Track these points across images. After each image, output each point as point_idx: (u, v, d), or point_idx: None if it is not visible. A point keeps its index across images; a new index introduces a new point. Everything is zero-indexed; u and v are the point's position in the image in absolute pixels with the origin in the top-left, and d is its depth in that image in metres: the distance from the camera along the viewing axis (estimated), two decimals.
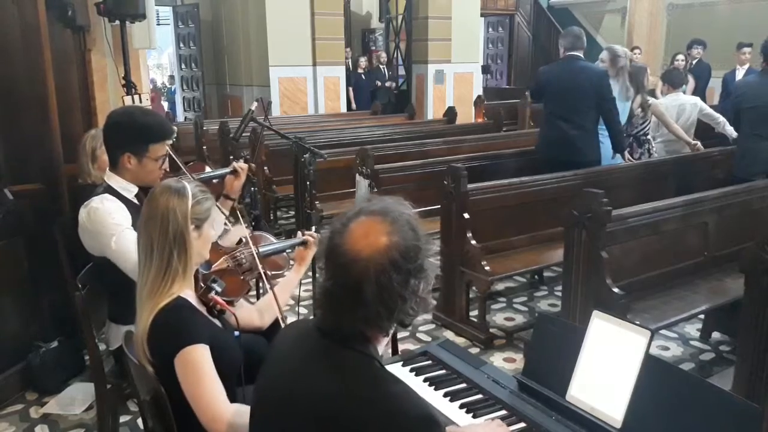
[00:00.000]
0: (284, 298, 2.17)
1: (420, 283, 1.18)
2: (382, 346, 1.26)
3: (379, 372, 1.18)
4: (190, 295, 1.68)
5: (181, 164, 2.51)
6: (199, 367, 1.55)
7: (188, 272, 1.68)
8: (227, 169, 2.58)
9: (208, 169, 2.76)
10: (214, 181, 2.60)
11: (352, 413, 1.11)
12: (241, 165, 2.55)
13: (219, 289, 1.75)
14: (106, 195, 2.21)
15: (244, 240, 2.25)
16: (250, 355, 1.78)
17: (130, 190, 2.28)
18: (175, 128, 3.90)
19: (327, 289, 1.17)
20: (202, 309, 1.72)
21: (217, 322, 1.76)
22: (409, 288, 1.15)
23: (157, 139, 2.26)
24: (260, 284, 2.83)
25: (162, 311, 1.58)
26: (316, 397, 1.15)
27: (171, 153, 2.37)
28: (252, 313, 2.04)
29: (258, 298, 2.68)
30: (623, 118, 4.45)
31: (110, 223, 2.14)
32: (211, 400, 1.53)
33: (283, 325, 2.07)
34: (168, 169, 2.38)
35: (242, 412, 1.54)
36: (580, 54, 4.26)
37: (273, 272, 2.25)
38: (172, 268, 1.62)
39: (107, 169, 2.33)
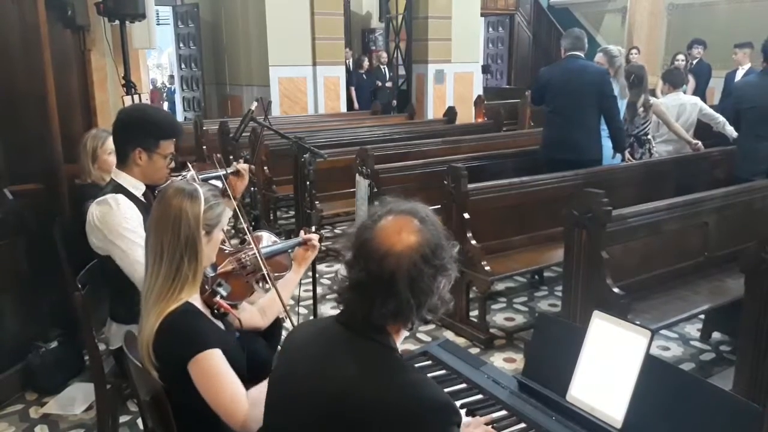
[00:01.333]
0: (284, 298, 2.17)
1: (444, 281, 1.25)
2: (400, 341, 1.30)
3: (401, 362, 1.25)
4: (196, 298, 1.67)
5: (189, 165, 2.51)
6: (218, 371, 1.55)
7: (198, 278, 1.66)
8: (229, 169, 2.57)
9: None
10: (218, 182, 2.59)
11: (375, 398, 1.15)
12: (243, 166, 2.54)
13: (225, 293, 1.74)
14: (119, 195, 2.20)
15: (247, 240, 2.24)
16: (250, 355, 1.78)
17: (138, 188, 2.28)
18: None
19: (359, 281, 1.22)
20: (206, 311, 1.71)
21: (219, 323, 1.76)
22: (437, 283, 1.23)
23: (167, 135, 2.26)
24: (261, 284, 2.82)
25: (170, 316, 1.57)
26: (339, 382, 1.19)
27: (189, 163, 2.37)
28: (253, 313, 2.04)
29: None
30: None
31: (125, 229, 2.12)
32: (236, 398, 1.54)
33: (289, 323, 2.07)
34: (173, 167, 2.38)
35: (258, 400, 1.55)
36: (581, 54, 4.27)
37: (276, 273, 2.24)
38: (182, 275, 1.60)
39: (114, 166, 2.33)
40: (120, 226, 2.13)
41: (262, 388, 1.58)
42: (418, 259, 1.19)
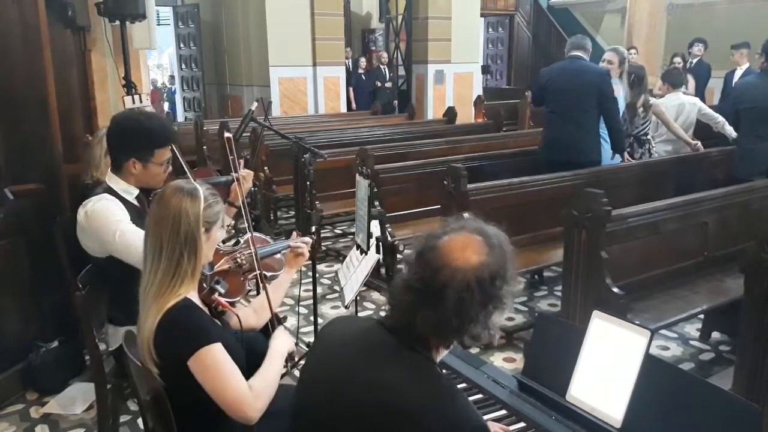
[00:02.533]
0: (278, 298, 2.17)
1: (494, 312, 1.21)
2: (440, 357, 1.28)
3: (444, 379, 1.24)
4: (194, 296, 1.67)
5: (186, 168, 2.50)
6: (220, 365, 1.56)
7: (196, 275, 1.67)
8: (228, 178, 2.56)
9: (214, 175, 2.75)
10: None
11: (414, 409, 1.13)
12: (242, 173, 2.52)
13: (222, 291, 1.75)
14: (105, 195, 2.21)
15: (242, 241, 2.25)
16: (250, 353, 1.78)
17: (131, 193, 2.28)
18: (174, 128, 3.88)
19: (410, 286, 1.21)
20: (205, 309, 1.72)
21: (217, 322, 1.76)
22: (484, 312, 1.19)
23: (162, 144, 2.25)
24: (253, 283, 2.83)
25: (170, 312, 1.57)
26: (379, 385, 1.17)
27: (181, 159, 2.36)
28: (248, 313, 2.04)
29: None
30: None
31: (111, 220, 2.13)
32: (239, 393, 1.56)
33: (286, 324, 2.08)
34: (172, 171, 2.38)
35: (259, 390, 1.60)
36: (582, 54, 4.27)
37: (268, 273, 2.26)
38: (182, 270, 1.61)
39: (109, 170, 2.33)
40: (106, 219, 2.14)
41: (262, 379, 1.63)
42: (472, 281, 1.16)
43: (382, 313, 3.36)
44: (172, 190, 1.66)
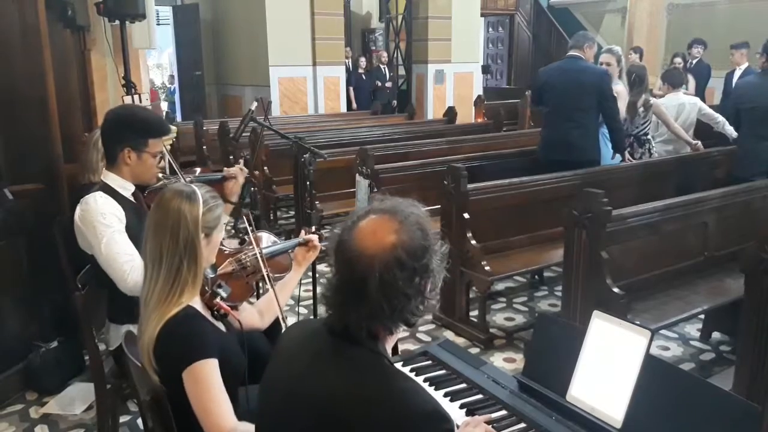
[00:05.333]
0: (284, 299, 2.16)
1: (425, 283, 1.19)
2: (390, 345, 1.27)
3: (389, 369, 1.20)
4: (196, 301, 1.66)
5: (176, 167, 2.50)
6: (209, 383, 1.54)
7: (198, 281, 1.65)
8: (218, 175, 2.55)
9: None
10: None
11: (362, 410, 1.12)
12: (230, 171, 2.50)
13: (225, 295, 1.73)
14: (99, 193, 2.21)
15: (247, 240, 2.23)
16: (252, 354, 1.78)
17: (127, 189, 2.28)
18: (174, 128, 3.89)
19: (334, 285, 1.19)
20: (207, 313, 1.70)
21: (220, 325, 1.75)
22: (414, 287, 1.16)
23: (156, 133, 2.27)
24: (261, 284, 2.82)
25: (171, 321, 1.56)
26: (326, 395, 1.15)
27: (171, 159, 2.37)
28: (252, 314, 2.03)
29: (259, 299, 2.67)
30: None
31: (101, 223, 2.13)
32: (219, 415, 1.54)
33: (283, 326, 2.07)
34: (162, 166, 2.38)
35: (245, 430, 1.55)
36: (579, 54, 4.26)
37: (276, 273, 2.23)
38: (182, 278, 1.59)
39: (103, 167, 2.33)
40: (96, 221, 2.14)
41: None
42: (391, 263, 1.13)
43: None
44: (171, 194, 1.64)
